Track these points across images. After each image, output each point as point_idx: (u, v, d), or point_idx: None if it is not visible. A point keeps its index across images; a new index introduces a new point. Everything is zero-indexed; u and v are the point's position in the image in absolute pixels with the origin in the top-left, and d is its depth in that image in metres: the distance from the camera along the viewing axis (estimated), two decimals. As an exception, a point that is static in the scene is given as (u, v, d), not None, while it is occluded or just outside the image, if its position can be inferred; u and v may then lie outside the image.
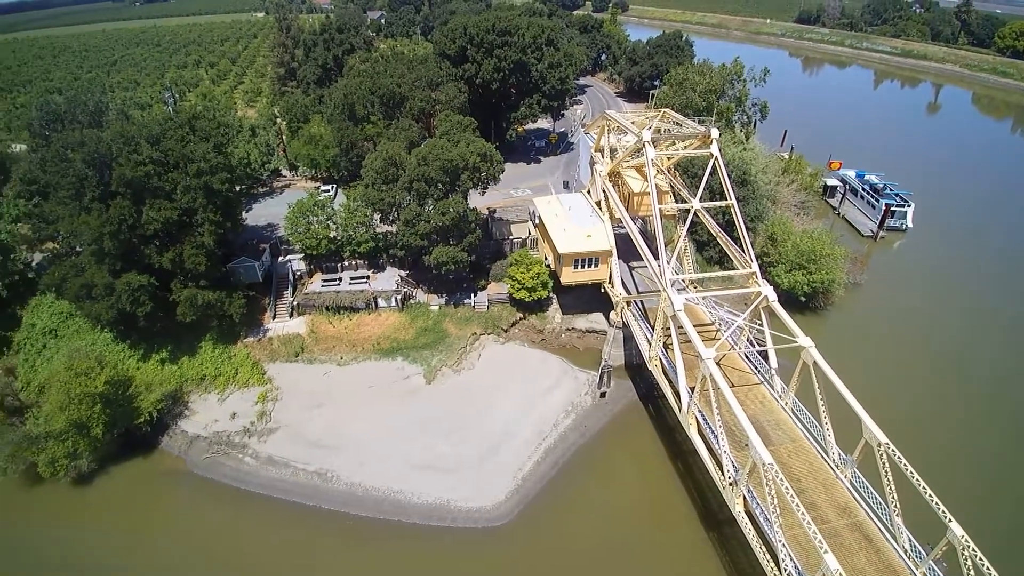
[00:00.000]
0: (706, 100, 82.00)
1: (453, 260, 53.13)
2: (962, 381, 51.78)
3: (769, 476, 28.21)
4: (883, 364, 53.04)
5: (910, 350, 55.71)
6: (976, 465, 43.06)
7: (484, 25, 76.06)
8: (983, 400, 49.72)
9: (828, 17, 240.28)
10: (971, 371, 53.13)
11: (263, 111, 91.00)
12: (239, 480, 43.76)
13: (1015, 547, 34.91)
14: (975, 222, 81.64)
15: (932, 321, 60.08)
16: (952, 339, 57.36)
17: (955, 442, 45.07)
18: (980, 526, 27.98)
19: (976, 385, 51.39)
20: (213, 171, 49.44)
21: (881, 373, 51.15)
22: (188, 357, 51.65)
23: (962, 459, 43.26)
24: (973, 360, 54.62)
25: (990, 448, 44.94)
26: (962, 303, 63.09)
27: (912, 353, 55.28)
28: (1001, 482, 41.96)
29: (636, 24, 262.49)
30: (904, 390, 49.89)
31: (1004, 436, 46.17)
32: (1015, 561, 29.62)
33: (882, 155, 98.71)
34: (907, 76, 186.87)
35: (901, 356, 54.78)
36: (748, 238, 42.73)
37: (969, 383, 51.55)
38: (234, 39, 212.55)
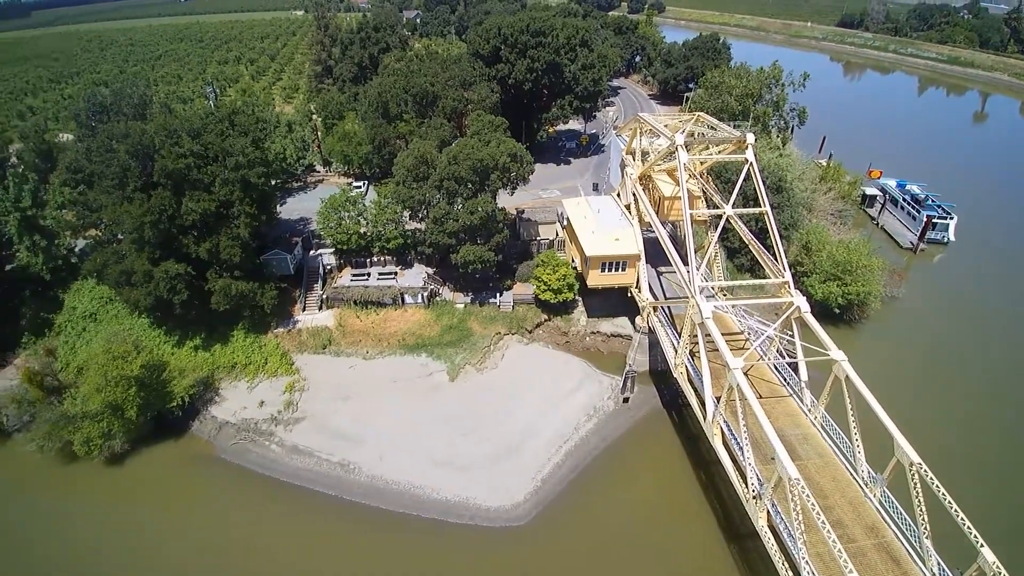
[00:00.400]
0: (742, 104, 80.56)
1: (480, 259, 53.36)
2: (1000, 403, 49.71)
3: (795, 491, 27.62)
4: (919, 381, 51.35)
5: (948, 368, 53.79)
6: (1012, 490, 41.28)
7: (518, 25, 76.14)
8: (1019, 421, 47.68)
9: (872, 21, 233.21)
10: (1011, 393, 50.90)
11: (300, 107, 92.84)
12: (265, 467, 44.73)
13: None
14: (1021, 237, 78.33)
15: (972, 339, 57.81)
16: (992, 359, 55.10)
17: (991, 465, 43.29)
18: (1014, 553, 26.92)
19: (1015, 408, 49.23)
20: (250, 165, 50.59)
21: (916, 391, 49.55)
22: (220, 345, 52.98)
23: (997, 483, 41.54)
24: (1013, 382, 52.34)
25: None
26: (1004, 322, 60.51)
27: (950, 371, 53.35)
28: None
29: (672, 26, 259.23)
30: (940, 409, 48.19)
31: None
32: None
33: (925, 165, 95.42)
34: (953, 84, 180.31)
35: (938, 374, 52.93)
36: (781, 246, 41.81)
37: (1008, 405, 49.45)
38: (274, 36, 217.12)
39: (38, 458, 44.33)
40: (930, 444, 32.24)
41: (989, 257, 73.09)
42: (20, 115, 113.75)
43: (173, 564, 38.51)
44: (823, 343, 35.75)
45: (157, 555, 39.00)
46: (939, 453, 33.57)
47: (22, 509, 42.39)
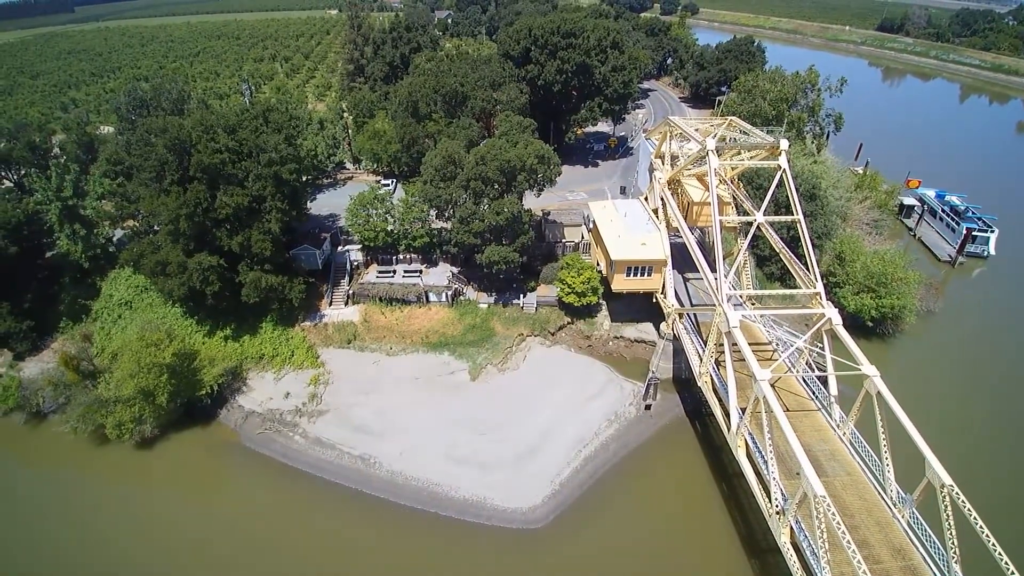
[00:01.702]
0: (776, 109, 79.02)
1: (504, 260, 53.42)
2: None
3: (820, 508, 26.98)
4: (954, 400, 49.64)
5: (983, 387, 51.88)
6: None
7: (549, 27, 76.01)
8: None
9: (913, 26, 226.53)
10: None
11: (332, 105, 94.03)
12: (288, 457, 45.56)
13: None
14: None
15: (1009, 358, 55.65)
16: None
17: (1021, 494, 41.68)
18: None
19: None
20: (283, 161, 51.50)
21: (951, 410, 47.93)
22: (249, 336, 54.14)
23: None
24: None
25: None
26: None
27: (985, 390, 51.45)
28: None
29: (706, 28, 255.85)
30: (974, 430, 46.53)
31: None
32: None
33: (965, 176, 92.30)
34: (997, 92, 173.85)
35: (974, 393, 51.09)
36: (814, 256, 40.85)
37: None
38: (308, 35, 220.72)
39: (72, 439, 45.96)
40: (963, 466, 31.26)
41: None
42: (63, 107, 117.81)
43: (196, 547, 39.50)
44: (855, 357, 34.83)
45: (182, 538, 40.09)
46: (972, 475, 32.44)
47: (55, 488, 43.98)
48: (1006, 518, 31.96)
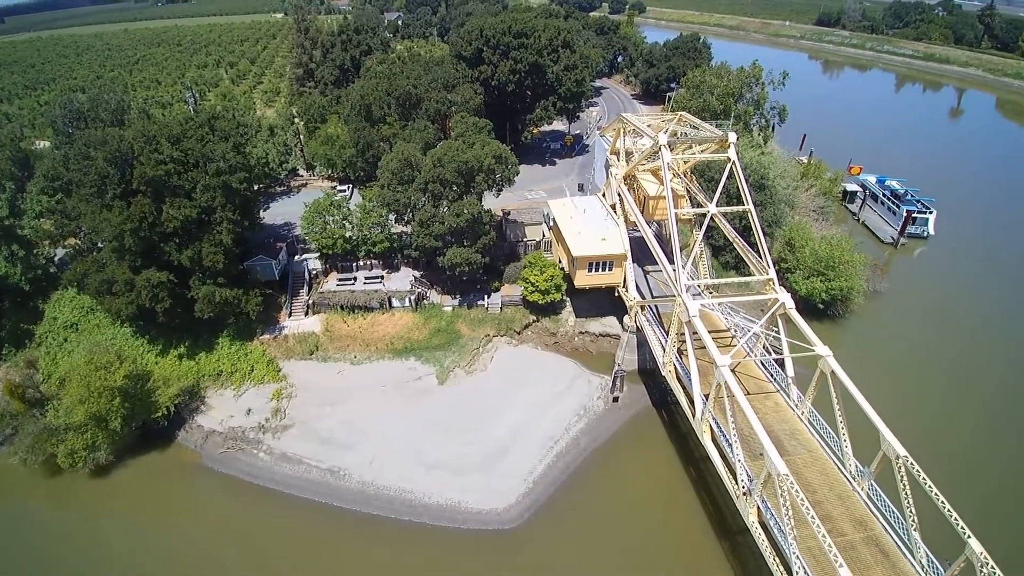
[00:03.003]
0: (723, 103, 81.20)
1: (467, 261, 53.23)
2: (983, 394, 50.68)
3: (784, 487, 27.86)
4: (903, 374, 52.15)
5: (931, 361, 54.74)
6: (997, 480, 42.09)
7: (500, 27, 76.19)
8: (1005, 414, 48.62)
9: (848, 20, 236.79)
10: (993, 384, 51.96)
11: (281, 111, 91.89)
12: (253, 475, 44.21)
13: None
14: (999, 230, 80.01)
15: (954, 331, 58.91)
16: (974, 350, 56.17)
17: (975, 456, 44.07)
18: (1000, 543, 27.41)
19: (998, 398, 50.25)
20: (232, 170, 50.06)
21: (901, 384, 50.30)
22: (205, 353, 52.31)
23: (982, 474, 42.31)
24: (995, 372, 53.43)
25: (1012, 463, 43.91)
26: (985, 313, 61.79)
27: (933, 364, 54.32)
28: (1022, 498, 40.99)
29: (653, 26, 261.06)
30: (924, 402, 49.02)
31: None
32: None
33: (903, 160, 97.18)
34: (929, 80, 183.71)
35: (921, 367, 53.84)
36: (765, 243, 42.21)
37: (991, 396, 50.43)
38: (253, 39, 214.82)
39: (22, 471, 43.50)
40: (916, 437, 32.78)
41: (968, 250, 74.63)
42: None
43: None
44: (808, 339, 36.17)
45: (145, 567, 38.36)
46: (925, 445, 34.07)
47: (6, 523, 41.48)
48: (959, 484, 33.59)
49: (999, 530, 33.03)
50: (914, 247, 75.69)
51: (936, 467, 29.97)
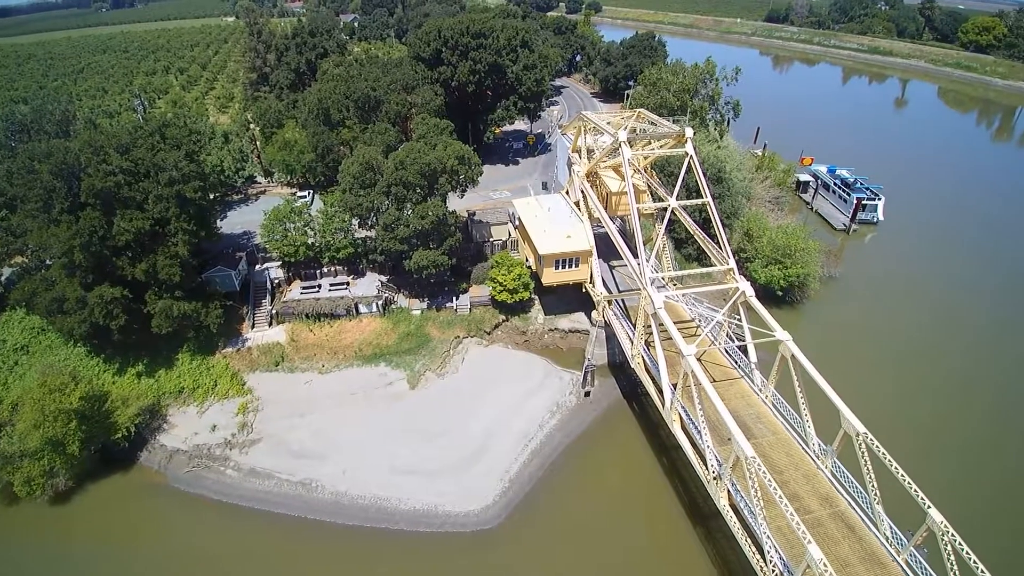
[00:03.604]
0: (680, 100, 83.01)
1: (434, 264, 52.92)
2: (936, 369, 53.20)
3: (752, 469, 28.65)
4: (859, 355, 54.24)
5: (885, 341, 57.08)
6: (952, 452, 44.23)
7: (458, 28, 76.00)
8: (957, 387, 51.16)
9: (796, 16, 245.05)
10: (944, 359, 54.65)
11: (236, 117, 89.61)
12: (222, 493, 43.02)
13: (992, 531, 35.92)
14: (943, 212, 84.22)
15: (906, 311, 61.65)
16: (925, 328, 58.96)
17: (931, 430, 46.25)
18: (958, 511, 28.62)
19: (950, 373, 52.87)
20: (185, 179, 48.62)
21: (858, 364, 52.29)
22: (165, 370, 50.64)
23: (938, 446, 44.43)
24: (946, 348, 56.20)
25: (965, 435, 46.23)
26: (934, 292, 64.94)
27: (887, 343, 56.65)
28: (977, 468, 43.11)
29: (609, 25, 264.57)
30: (880, 380, 51.05)
31: (978, 423, 47.50)
32: (992, 544, 30.44)
33: (852, 150, 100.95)
34: (874, 72, 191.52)
35: (877, 347, 56.10)
36: (724, 235, 43.33)
37: (943, 371, 53.00)
38: (204, 44, 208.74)
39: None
40: (874, 414, 33.95)
41: (916, 233, 78.21)
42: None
43: (127, 604, 36.53)
44: (768, 325, 37.27)
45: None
46: (883, 422, 35.33)
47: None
48: (917, 457, 35.07)
49: (958, 499, 34.54)
50: (865, 233, 78.85)
51: (895, 442, 31.24)
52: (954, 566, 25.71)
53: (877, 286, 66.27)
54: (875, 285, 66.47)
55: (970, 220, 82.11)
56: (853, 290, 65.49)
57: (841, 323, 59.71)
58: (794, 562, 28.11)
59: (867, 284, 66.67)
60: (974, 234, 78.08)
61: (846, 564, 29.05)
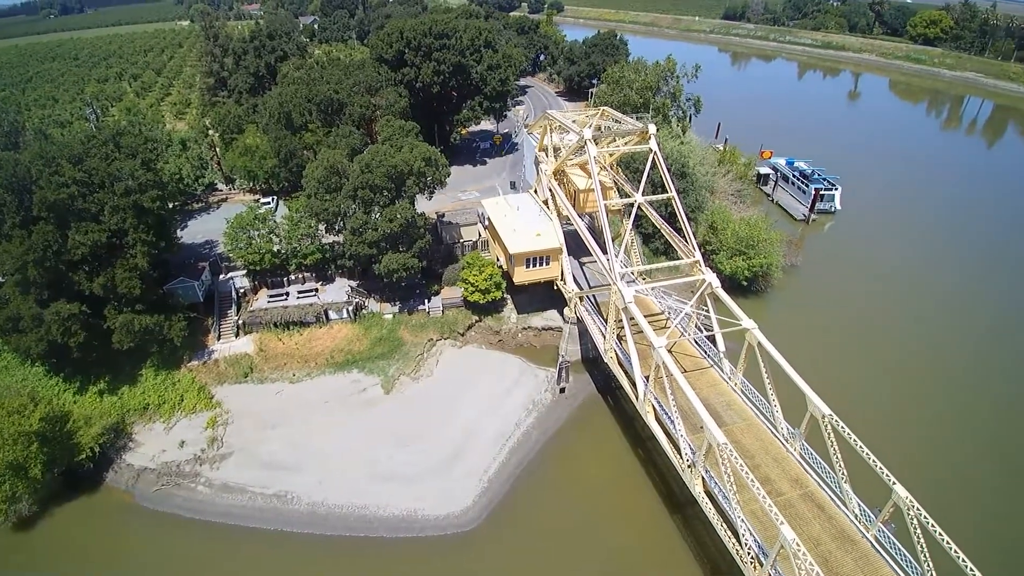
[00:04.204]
0: (643, 97, 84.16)
1: (404, 267, 52.53)
2: (897, 350, 55.30)
3: (724, 455, 29.32)
4: (823, 340, 56.01)
5: (846, 324, 59.07)
6: (914, 429, 45.99)
7: (421, 28, 75.58)
8: (918, 366, 53.36)
9: (752, 13, 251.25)
10: (902, 340, 56.84)
11: (193, 123, 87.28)
12: (193, 510, 41.90)
13: (956, 504, 37.52)
14: (897, 199, 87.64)
15: (865, 295, 64.00)
16: (884, 310, 61.30)
17: (893, 409, 48.02)
18: (922, 487, 29.76)
19: (910, 353, 55.09)
20: (142, 189, 47.24)
21: (821, 349, 53.97)
22: (128, 386, 49.07)
23: (901, 424, 46.12)
24: (903, 329, 58.47)
25: (927, 412, 48.17)
26: (891, 276, 67.53)
27: (848, 327, 58.62)
28: (939, 443, 44.98)
29: (572, 24, 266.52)
30: (844, 363, 52.84)
31: (939, 400, 49.59)
32: (957, 516, 31.75)
33: (809, 142, 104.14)
34: (828, 67, 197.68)
35: (838, 330, 58.01)
36: (690, 228, 44.25)
37: (903, 351, 55.14)
38: (158, 49, 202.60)
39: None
40: (839, 396, 35.05)
41: (871, 220, 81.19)
42: None
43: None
44: (735, 314, 38.24)
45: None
46: (848, 403, 36.55)
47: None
48: (881, 436, 36.20)
49: (922, 475, 36.04)
50: (824, 222, 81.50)
51: (859, 423, 32.34)
52: (921, 539, 26.75)
53: (837, 272, 68.56)
54: (835, 271, 68.75)
55: (923, 206, 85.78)
56: (814, 277, 67.59)
57: (804, 309, 61.61)
58: (768, 543, 28.89)
59: (828, 271, 68.92)
60: (927, 219, 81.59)
61: (818, 543, 29.99)
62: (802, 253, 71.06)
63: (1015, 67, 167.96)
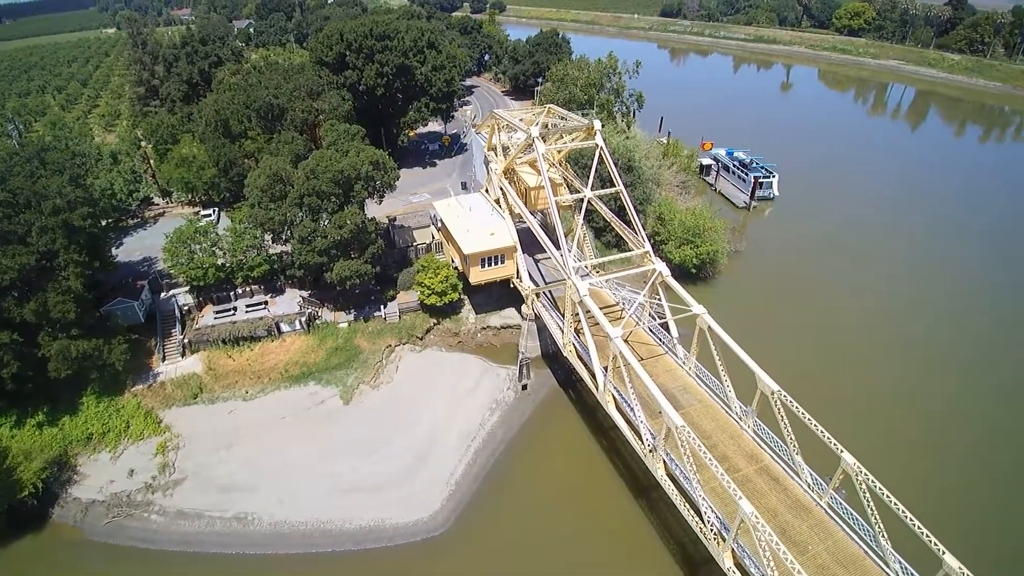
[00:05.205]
0: (587, 94, 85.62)
1: (357, 274, 51.58)
2: (837, 326, 58.25)
3: (683, 438, 30.20)
4: (769, 319, 58.48)
5: (790, 303, 61.91)
6: (858, 399, 48.44)
7: (361, 30, 74.37)
8: (857, 338, 56.38)
9: (688, 10, 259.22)
10: (843, 315, 59.99)
11: (124, 135, 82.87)
12: (148, 541, 39.90)
13: (901, 467, 39.79)
14: (830, 182, 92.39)
15: (805, 274, 67.32)
16: (824, 288, 64.60)
17: (838, 380, 50.55)
18: (869, 453, 31.22)
19: (849, 326, 58.22)
20: (72, 207, 44.74)
21: (768, 328, 56.31)
22: (69, 416, 46.18)
23: (846, 395, 48.55)
24: (844, 305, 61.75)
25: (869, 381, 50.88)
26: (828, 254, 71.34)
27: (792, 305, 61.44)
28: (881, 411, 47.48)
29: (515, 23, 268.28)
30: (789, 340, 55.26)
31: (880, 368, 52.52)
32: (902, 478, 33.71)
33: (747, 133, 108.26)
34: (761, 60, 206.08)
35: (783, 310, 60.70)
36: (639, 220, 45.33)
37: (843, 327, 58.12)
38: (83, 59, 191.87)
39: None
40: (786, 373, 36.50)
41: (808, 203, 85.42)
42: None
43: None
44: (685, 301, 39.41)
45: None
46: (795, 379, 38.03)
47: None
48: (827, 408, 37.54)
49: (867, 443, 37.85)
50: (764, 208, 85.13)
51: (806, 397, 33.68)
52: (870, 502, 28.28)
53: (778, 255, 71.80)
54: (776, 254, 71.98)
55: (854, 187, 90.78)
56: (758, 261, 70.54)
57: (750, 292, 64.19)
58: (729, 518, 29.92)
59: (769, 254, 72.06)
60: (859, 198, 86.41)
61: (775, 514, 31.28)
62: (745, 239, 73.98)
63: (934, 54, 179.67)
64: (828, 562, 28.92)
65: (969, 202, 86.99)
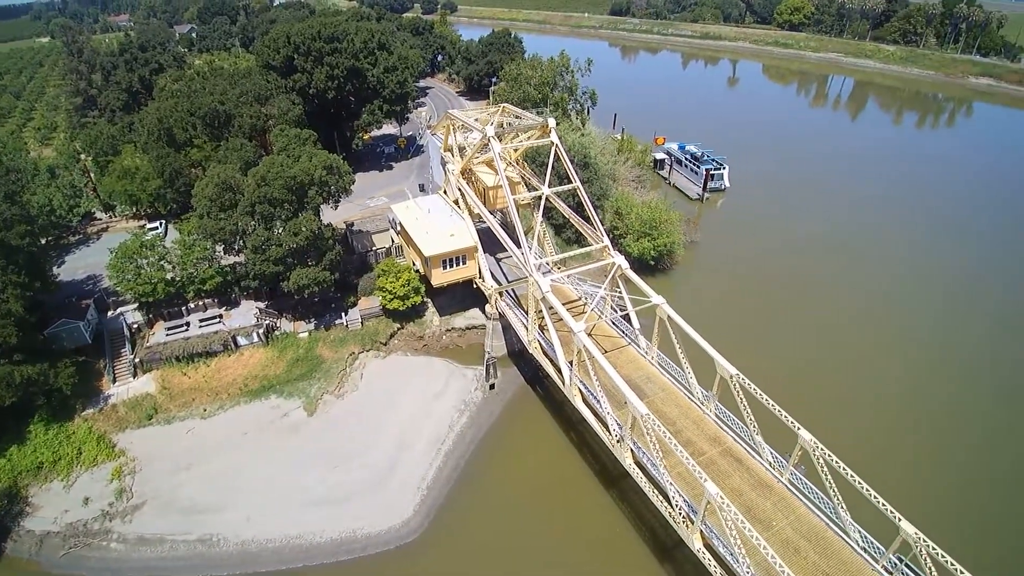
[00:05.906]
0: (541, 92, 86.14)
1: (315, 281, 50.49)
2: (790, 310, 60.48)
3: (648, 426, 30.80)
4: (725, 306, 60.29)
5: (745, 290, 63.88)
6: (814, 378, 50.42)
7: (309, 33, 72.85)
8: (811, 320, 58.67)
9: (636, 8, 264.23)
10: (797, 298, 62.35)
11: (62, 148, 79.05)
12: (109, 570, 38.15)
13: (855, 443, 41.46)
14: (777, 171, 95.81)
15: (757, 260, 69.59)
16: (777, 274, 66.87)
17: (792, 360, 52.47)
18: (824, 430, 32.36)
19: (802, 308, 60.56)
20: (8, 225, 42.69)
21: (724, 314, 58.03)
22: (17, 446, 43.70)
23: (801, 375, 50.39)
24: (796, 289, 64.16)
25: (824, 362, 53.03)
26: (779, 241, 73.88)
27: (746, 292, 63.42)
28: (835, 389, 49.55)
29: (466, 24, 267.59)
30: (745, 324, 57.04)
31: (835, 348, 54.77)
32: (857, 453, 35.36)
33: (697, 127, 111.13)
34: (708, 55, 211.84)
35: (738, 296, 62.63)
36: (597, 215, 45.97)
37: (796, 310, 60.38)
38: (15, 71, 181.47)
39: None
40: (744, 356, 37.57)
41: (757, 192, 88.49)
42: None
43: None
44: (645, 292, 40.26)
45: None
46: (752, 362, 39.17)
47: None
48: (783, 388, 38.86)
49: (822, 420, 39.33)
50: (716, 199, 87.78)
51: (763, 379, 34.69)
52: (828, 476, 29.56)
53: (731, 243, 74.08)
54: (730, 242, 74.24)
55: (800, 174, 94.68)
56: (712, 250, 72.61)
57: (706, 280, 66.09)
58: (696, 501, 30.65)
59: (723, 243, 74.26)
60: (805, 185, 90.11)
61: (740, 493, 32.26)
62: (700, 229, 75.97)
63: (870, 46, 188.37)
64: (792, 536, 30.03)
65: (908, 183, 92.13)
